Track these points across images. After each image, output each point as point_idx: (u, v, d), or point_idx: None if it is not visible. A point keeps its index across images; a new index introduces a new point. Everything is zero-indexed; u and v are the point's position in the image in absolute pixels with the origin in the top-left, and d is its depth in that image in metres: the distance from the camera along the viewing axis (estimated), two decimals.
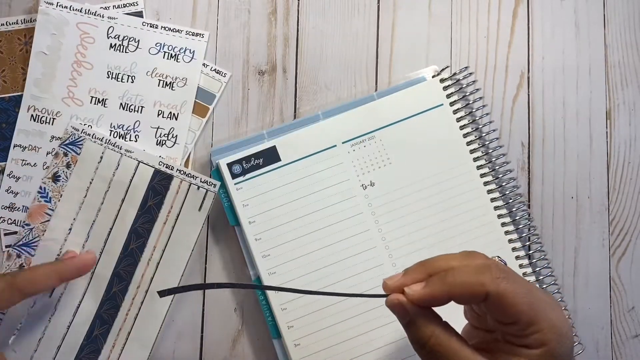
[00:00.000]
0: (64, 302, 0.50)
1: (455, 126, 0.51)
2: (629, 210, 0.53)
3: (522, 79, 0.54)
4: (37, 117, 0.52)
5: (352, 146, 0.51)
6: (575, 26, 0.55)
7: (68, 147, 0.51)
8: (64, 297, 0.50)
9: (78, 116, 0.52)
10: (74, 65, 0.52)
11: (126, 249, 0.50)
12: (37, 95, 0.52)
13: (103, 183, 0.51)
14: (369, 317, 0.49)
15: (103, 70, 0.52)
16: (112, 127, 0.52)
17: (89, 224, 0.50)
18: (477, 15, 0.55)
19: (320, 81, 0.54)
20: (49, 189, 0.51)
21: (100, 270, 0.50)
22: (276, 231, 0.50)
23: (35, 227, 0.51)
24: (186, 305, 0.52)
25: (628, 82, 0.54)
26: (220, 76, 0.53)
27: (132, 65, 0.52)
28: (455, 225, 0.50)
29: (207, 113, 0.53)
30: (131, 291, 0.50)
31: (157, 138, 0.52)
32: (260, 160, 0.50)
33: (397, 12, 0.55)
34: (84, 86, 0.52)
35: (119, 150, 0.51)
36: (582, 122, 0.54)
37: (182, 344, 0.51)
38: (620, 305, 0.53)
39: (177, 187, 0.51)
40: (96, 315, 0.50)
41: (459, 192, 0.50)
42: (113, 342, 0.50)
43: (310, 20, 0.54)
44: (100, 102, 0.52)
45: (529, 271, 0.50)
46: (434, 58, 0.54)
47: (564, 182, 0.54)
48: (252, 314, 0.52)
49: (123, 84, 0.52)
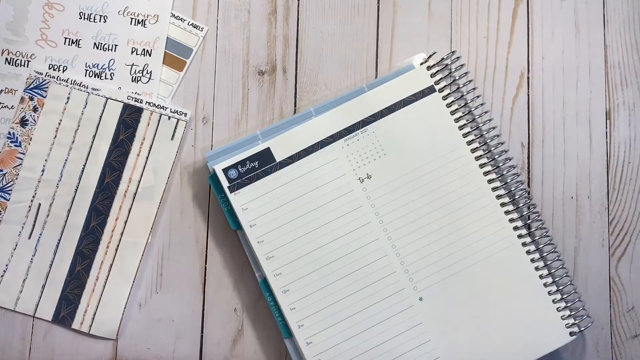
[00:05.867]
0: (43, 242, 0.51)
1: (446, 112, 0.51)
2: (628, 210, 0.53)
3: (522, 79, 0.54)
4: (11, 60, 0.53)
5: (346, 140, 0.51)
6: (575, 26, 0.55)
7: (33, 92, 0.52)
8: (43, 237, 0.51)
9: (53, 57, 0.53)
10: (45, 7, 0.53)
11: (101, 184, 0.52)
12: (10, 38, 0.53)
13: (72, 122, 0.52)
14: (381, 308, 0.49)
15: (75, 11, 0.53)
16: (87, 67, 0.53)
17: (62, 162, 0.52)
18: (477, 15, 0.55)
19: (320, 81, 0.54)
20: (18, 134, 0.52)
21: (77, 206, 0.51)
22: (278, 232, 0.50)
23: (8, 172, 0.51)
24: (186, 305, 0.52)
25: (628, 82, 0.54)
26: (198, 30, 0.54)
27: (103, 5, 0.53)
28: (455, 209, 0.50)
29: (184, 67, 0.54)
30: (110, 224, 0.51)
31: (132, 75, 0.53)
32: (255, 163, 0.50)
33: (397, 12, 0.55)
34: (57, 28, 0.53)
35: (86, 89, 0.52)
36: (582, 122, 0.54)
37: (182, 344, 0.51)
38: (620, 306, 0.53)
39: (147, 119, 0.52)
40: (77, 252, 0.51)
41: (455, 176, 0.51)
42: (96, 275, 0.51)
43: (310, 20, 0.54)
44: (74, 43, 0.53)
45: (532, 249, 0.50)
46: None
47: (563, 182, 0.54)
48: (252, 314, 0.52)
49: (96, 24, 0.53)
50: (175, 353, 0.51)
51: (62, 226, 0.52)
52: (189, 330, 0.52)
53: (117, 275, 0.51)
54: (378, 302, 0.49)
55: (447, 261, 0.50)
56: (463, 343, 0.49)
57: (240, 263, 0.52)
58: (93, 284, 0.51)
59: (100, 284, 0.51)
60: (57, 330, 0.51)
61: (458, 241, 0.50)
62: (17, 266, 0.51)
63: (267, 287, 0.50)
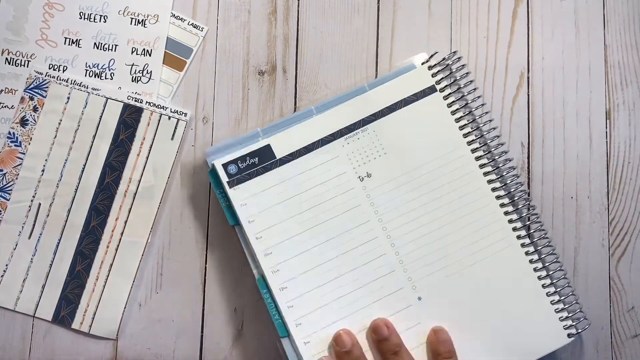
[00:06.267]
0: (43, 242, 0.51)
1: (447, 112, 0.51)
2: (628, 210, 0.53)
3: (521, 79, 0.54)
4: (11, 60, 0.53)
5: (347, 139, 0.51)
6: (575, 26, 0.55)
7: (33, 91, 0.52)
8: (43, 236, 0.51)
9: (53, 57, 0.53)
10: (45, 7, 0.53)
11: (101, 183, 0.52)
12: (10, 38, 0.53)
13: (72, 122, 0.52)
14: (380, 307, 0.49)
15: (75, 11, 0.53)
16: (87, 67, 0.53)
17: (62, 162, 0.52)
18: (477, 15, 0.55)
19: (320, 81, 0.54)
20: (18, 134, 0.52)
21: (77, 206, 0.51)
22: (277, 229, 0.50)
23: (8, 172, 0.51)
24: (186, 305, 0.52)
25: (628, 82, 0.54)
26: (198, 30, 0.54)
27: (103, 5, 0.53)
28: (455, 209, 0.50)
29: (184, 67, 0.53)
30: (110, 224, 0.52)
31: (132, 75, 0.53)
32: (255, 160, 0.50)
33: (397, 12, 0.55)
34: (57, 28, 0.53)
35: (86, 89, 0.52)
36: (582, 122, 0.54)
37: (182, 343, 0.51)
38: (620, 305, 0.53)
39: (147, 119, 0.52)
40: (77, 251, 0.51)
41: (455, 176, 0.51)
42: (96, 275, 0.51)
43: (310, 20, 0.54)
44: (74, 43, 0.53)
45: (531, 250, 0.50)
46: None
47: (563, 182, 0.54)
48: (252, 314, 0.52)
49: (96, 24, 0.53)
50: (175, 353, 0.51)
51: (62, 226, 0.52)
52: (189, 330, 0.52)
53: (117, 275, 0.51)
54: (377, 301, 0.49)
55: (446, 261, 0.50)
56: (460, 343, 0.49)
57: (240, 263, 0.52)
58: (93, 283, 0.51)
59: (100, 284, 0.51)
60: (57, 330, 0.51)
61: (457, 241, 0.50)
62: (17, 266, 0.51)
63: (264, 285, 0.50)
